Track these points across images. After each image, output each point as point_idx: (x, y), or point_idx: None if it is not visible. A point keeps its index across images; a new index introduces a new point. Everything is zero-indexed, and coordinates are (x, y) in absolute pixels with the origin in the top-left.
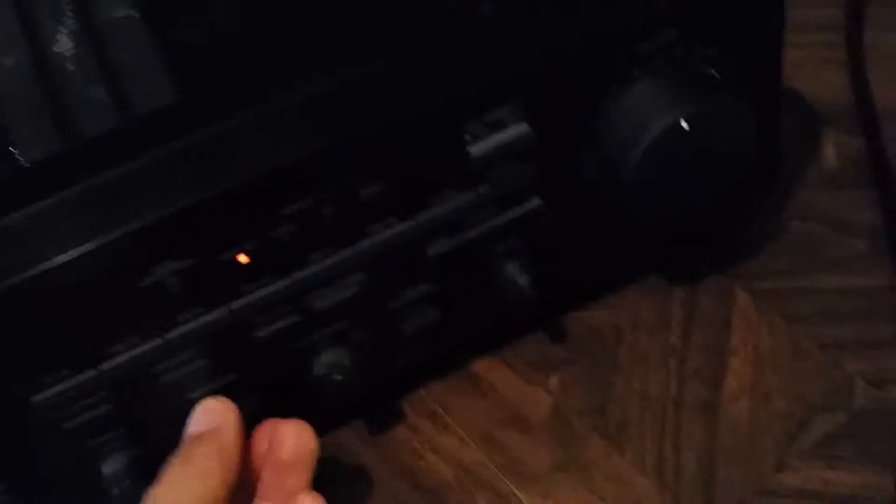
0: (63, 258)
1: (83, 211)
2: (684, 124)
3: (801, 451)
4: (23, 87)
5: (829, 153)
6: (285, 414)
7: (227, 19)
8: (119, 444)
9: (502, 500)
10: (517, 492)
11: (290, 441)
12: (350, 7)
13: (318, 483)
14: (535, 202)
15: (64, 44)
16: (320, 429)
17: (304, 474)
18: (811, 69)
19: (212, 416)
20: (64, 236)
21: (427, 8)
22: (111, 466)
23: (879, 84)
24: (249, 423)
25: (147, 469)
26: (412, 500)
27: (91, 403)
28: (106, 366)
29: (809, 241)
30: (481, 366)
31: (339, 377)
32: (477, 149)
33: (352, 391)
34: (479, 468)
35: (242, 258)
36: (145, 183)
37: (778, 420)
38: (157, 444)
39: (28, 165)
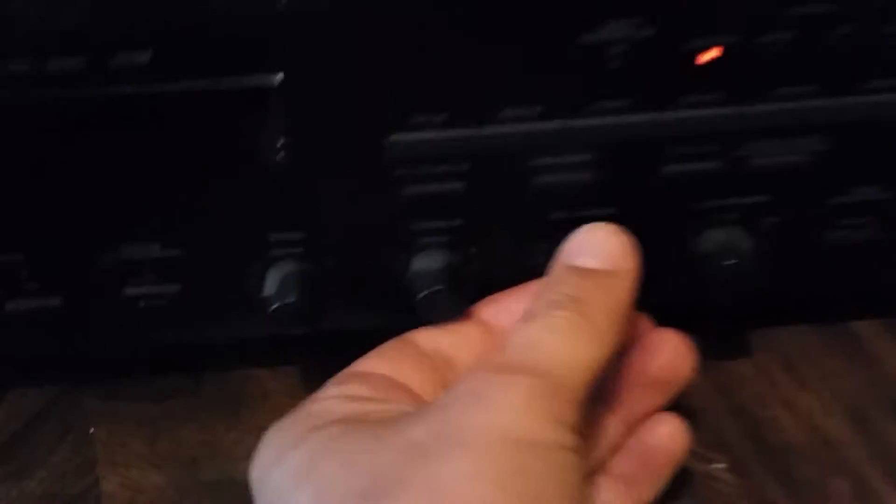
0: None
1: None
2: None
3: None
4: None
5: None
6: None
7: None
8: (445, 240)
9: (867, 494)
10: (891, 490)
11: (669, 356)
12: None
13: None
14: None
15: None
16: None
17: (669, 394)
18: None
19: (612, 254)
20: None
21: None
22: (425, 263)
23: None
24: None
25: (463, 281)
26: (745, 450)
27: (444, 172)
28: (486, 130)
29: None
30: (867, 328)
31: (730, 261)
32: None
33: (733, 287)
34: (844, 447)
35: (707, 55)
36: None
37: None
38: (485, 259)
39: None
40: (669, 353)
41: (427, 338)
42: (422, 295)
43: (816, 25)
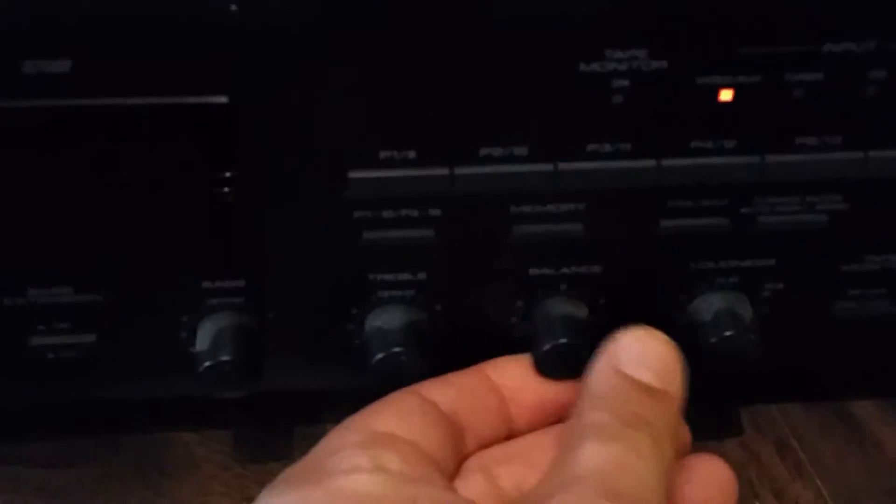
0: None
1: None
2: None
3: None
4: None
5: None
6: None
7: None
8: (407, 295)
9: None
10: None
11: (714, 487)
12: None
13: None
14: None
15: None
16: None
17: None
18: None
19: (669, 372)
20: None
21: None
22: (383, 321)
23: None
24: None
25: (426, 343)
26: None
27: (411, 217)
28: (461, 171)
29: None
30: (867, 410)
31: (728, 332)
32: None
33: (729, 360)
34: None
35: (723, 95)
36: None
37: None
38: (452, 319)
39: None
40: (716, 487)
41: (446, 399)
42: (377, 357)
43: (848, 67)
